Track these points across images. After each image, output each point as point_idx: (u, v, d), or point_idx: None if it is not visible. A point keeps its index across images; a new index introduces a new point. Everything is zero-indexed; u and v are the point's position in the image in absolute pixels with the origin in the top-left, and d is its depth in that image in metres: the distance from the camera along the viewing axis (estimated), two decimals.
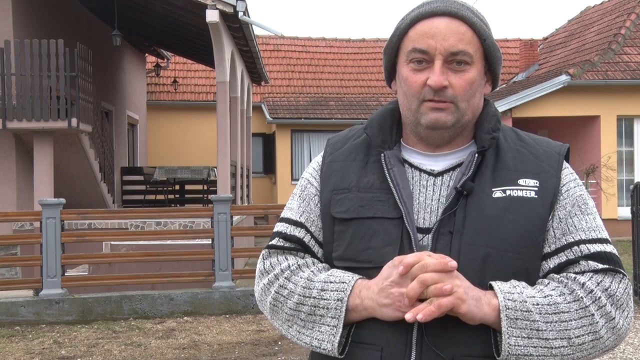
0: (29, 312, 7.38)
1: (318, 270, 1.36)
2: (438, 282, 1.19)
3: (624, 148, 14.85)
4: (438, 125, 1.32)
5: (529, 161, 1.35)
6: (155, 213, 9.73)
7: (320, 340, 1.30)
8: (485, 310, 1.22)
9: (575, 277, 1.27)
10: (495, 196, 1.30)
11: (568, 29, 20.01)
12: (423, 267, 1.20)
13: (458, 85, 1.30)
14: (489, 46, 1.34)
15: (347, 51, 22.77)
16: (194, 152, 19.92)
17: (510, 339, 1.21)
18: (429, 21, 1.31)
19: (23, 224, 10.18)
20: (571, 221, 1.32)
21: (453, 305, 1.19)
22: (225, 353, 6.02)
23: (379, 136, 1.40)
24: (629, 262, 8.64)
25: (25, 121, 9.75)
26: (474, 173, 1.32)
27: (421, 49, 1.31)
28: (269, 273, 1.40)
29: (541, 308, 1.22)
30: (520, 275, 1.27)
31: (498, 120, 1.38)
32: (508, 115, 14.61)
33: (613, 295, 1.26)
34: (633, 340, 6.18)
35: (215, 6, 9.51)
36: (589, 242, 1.30)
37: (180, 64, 20.75)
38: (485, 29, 1.33)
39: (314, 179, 1.45)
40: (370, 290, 1.27)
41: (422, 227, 1.31)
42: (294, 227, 1.43)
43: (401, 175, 1.34)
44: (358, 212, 1.34)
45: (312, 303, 1.31)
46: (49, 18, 11.61)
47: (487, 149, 1.34)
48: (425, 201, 1.33)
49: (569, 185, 1.35)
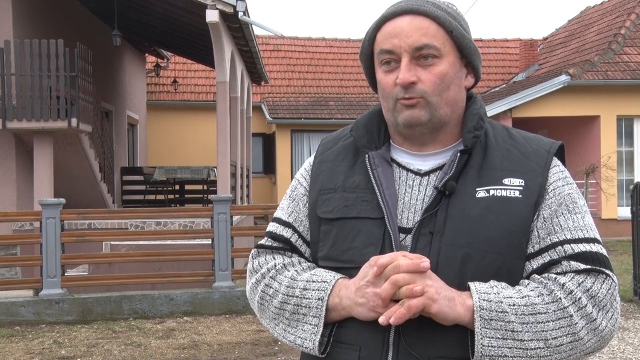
0: (28, 312, 7.38)
1: (302, 269, 1.37)
2: (410, 283, 1.19)
3: (623, 148, 14.85)
4: (413, 122, 1.32)
5: (517, 160, 1.33)
6: (155, 213, 9.73)
7: (303, 339, 1.31)
8: (459, 310, 1.21)
9: (556, 277, 1.25)
10: (478, 196, 1.29)
11: (568, 29, 20.01)
12: (395, 268, 1.20)
13: (427, 80, 1.30)
14: (458, 37, 1.32)
15: (347, 51, 22.77)
16: (194, 152, 19.92)
17: (484, 340, 1.19)
18: (393, 22, 1.33)
19: (23, 224, 10.18)
20: (557, 220, 1.29)
21: (424, 306, 1.19)
22: (225, 353, 6.02)
23: (364, 137, 1.40)
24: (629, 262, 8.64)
25: (25, 121, 9.75)
26: (459, 173, 1.31)
27: (387, 50, 1.32)
28: (256, 272, 1.42)
29: (517, 309, 1.21)
30: (502, 276, 1.25)
31: (481, 119, 1.36)
32: (508, 115, 14.61)
33: (595, 296, 1.23)
34: (633, 340, 6.17)
35: (215, 6, 9.51)
36: (574, 242, 1.28)
37: (180, 64, 20.75)
38: (451, 20, 1.32)
39: (303, 179, 1.47)
40: (348, 290, 1.27)
41: (406, 227, 1.30)
42: (283, 227, 1.44)
43: (386, 175, 1.34)
44: (342, 212, 1.34)
45: (295, 302, 1.32)
46: (49, 18, 11.61)
47: (470, 148, 1.33)
48: (410, 201, 1.33)
49: (556, 184, 1.32)
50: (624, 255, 10.58)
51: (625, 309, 7.27)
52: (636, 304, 7.61)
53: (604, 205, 14.27)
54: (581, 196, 1.35)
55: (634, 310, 7.34)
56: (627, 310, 7.28)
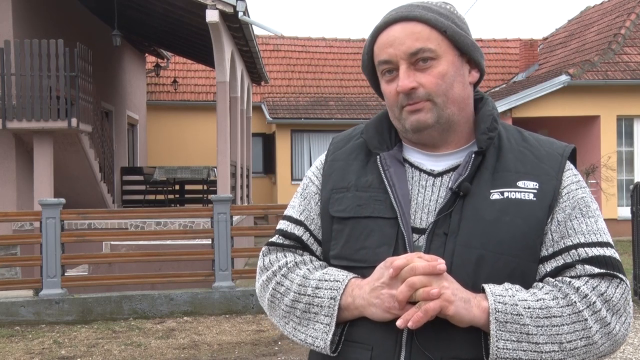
0: (28, 312, 7.38)
1: (314, 268, 1.37)
2: (426, 285, 1.19)
3: (623, 148, 14.85)
4: (420, 126, 1.33)
5: (530, 163, 1.33)
6: (155, 213, 9.72)
7: (314, 338, 1.30)
8: (475, 312, 1.21)
9: (571, 281, 1.25)
10: (492, 198, 1.29)
11: (568, 29, 20.01)
12: (412, 270, 1.20)
13: (428, 82, 1.31)
14: (453, 35, 1.32)
15: (347, 51, 22.77)
16: (194, 152, 19.91)
17: (499, 342, 1.20)
18: (386, 32, 1.34)
19: (23, 224, 10.18)
20: (571, 224, 1.30)
21: (440, 308, 1.19)
22: (225, 353, 6.02)
23: (375, 138, 1.41)
24: (628, 262, 8.64)
25: (25, 121, 9.75)
26: (473, 174, 1.31)
27: (385, 60, 1.34)
28: (267, 270, 1.42)
29: (532, 312, 1.21)
30: (515, 278, 1.26)
31: (495, 120, 1.37)
32: (508, 115, 14.61)
33: (609, 301, 1.24)
34: (633, 341, 6.18)
35: (215, 6, 9.51)
36: (588, 246, 1.28)
37: (180, 64, 20.75)
38: (443, 20, 1.32)
39: (315, 177, 1.46)
40: (362, 290, 1.27)
41: (419, 227, 1.31)
42: (294, 225, 1.44)
43: (398, 176, 1.34)
44: (355, 211, 1.34)
45: (307, 301, 1.32)
46: (49, 18, 11.61)
47: (485, 149, 1.33)
48: (424, 201, 1.33)
49: (570, 188, 1.33)
50: (624, 255, 10.58)
51: None
52: (636, 304, 7.62)
53: (604, 205, 14.27)
54: (594, 200, 1.36)
55: (634, 310, 7.35)
56: None
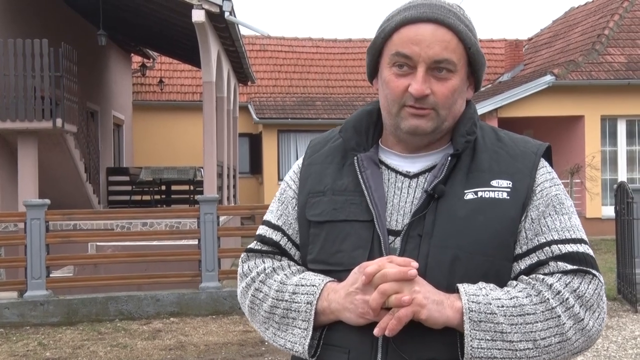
0: (13, 314, 7.32)
1: (292, 273, 1.37)
2: (398, 291, 1.20)
3: (607, 148, 14.97)
4: (418, 131, 1.32)
5: (505, 162, 1.33)
6: (141, 214, 9.69)
7: (293, 343, 1.31)
8: (448, 313, 1.22)
9: (544, 278, 1.25)
10: (466, 198, 1.29)
11: (553, 30, 20.15)
12: (383, 277, 1.20)
13: (440, 93, 1.30)
14: (474, 54, 1.33)
15: (334, 51, 22.78)
16: (180, 153, 19.83)
17: (474, 342, 1.20)
18: (414, 27, 1.30)
19: (7, 225, 10.09)
20: (544, 221, 1.30)
21: (413, 314, 1.20)
22: (211, 354, 6.01)
23: (353, 139, 1.40)
24: (612, 261, 8.72)
25: (9, 121, 9.67)
26: (447, 175, 1.31)
27: (405, 54, 1.30)
28: (246, 276, 1.42)
29: (506, 310, 1.22)
30: (490, 277, 1.26)
31: (474, 124, 1.37)
32: (494, 115, 14.68)
33: (582, 297, 1.25)
34: (617, 339, 6.23)
35: (201, 6, 9.48)
36: (561, 243, 1.29)
37: (166, 64, 20.66)
38: (471, 36, 1.32)
39: (292, 182, 1.46)
40: (337, 294, 1.28)
41: (395, 229, 1.31)
42: (272, 231, 1.44)
43: (374, 178, 1.34)
44: (331, 215, 1.34)
45: (285, 306, 1.33)
46: (33, 18, 11.52)
47: (461, 152, 1.33)
48: (399, 203, 1.33)
49: (543, 185, 1.33)
50: (608, 254, 10.67)
51: (609, 307, 7.34)
52: (620, 302, 7.69)
53: (589, 205, 14.39)
54: (568, 197, 1.36)
55: (617, 309, 7.42)
56: (611, 308, 7.34)
